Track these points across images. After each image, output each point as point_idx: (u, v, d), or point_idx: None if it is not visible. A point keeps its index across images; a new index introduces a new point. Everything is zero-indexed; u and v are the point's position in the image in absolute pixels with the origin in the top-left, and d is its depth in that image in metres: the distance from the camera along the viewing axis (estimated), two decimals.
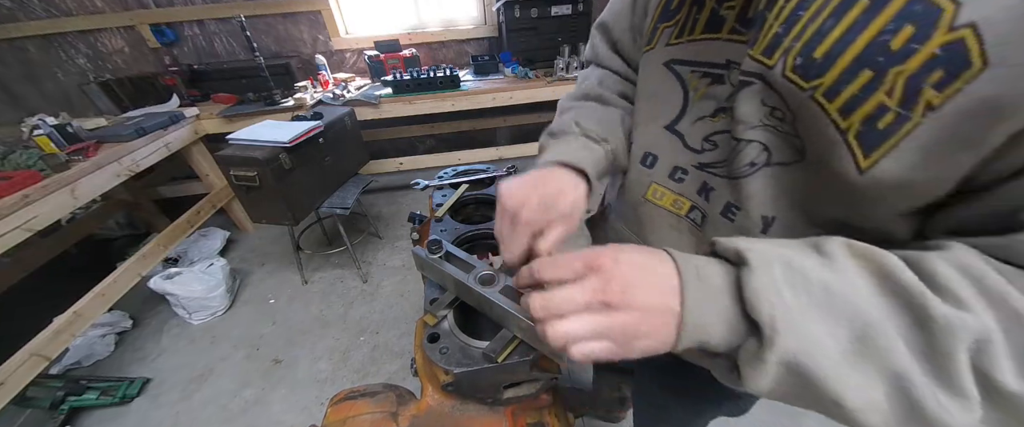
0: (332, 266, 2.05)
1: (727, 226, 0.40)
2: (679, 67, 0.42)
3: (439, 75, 2.03)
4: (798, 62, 0.29)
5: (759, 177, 0.36)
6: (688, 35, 0.40)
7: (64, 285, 1.46)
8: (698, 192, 0.42)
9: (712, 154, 0.40)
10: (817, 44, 0.28)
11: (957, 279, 0.24)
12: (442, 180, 0.84)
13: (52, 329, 1.27)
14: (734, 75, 0.36)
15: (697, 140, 0.41)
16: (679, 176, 0.44)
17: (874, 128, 0.27)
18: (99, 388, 1.41)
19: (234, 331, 1.73)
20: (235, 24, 1.88)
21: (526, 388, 0.49)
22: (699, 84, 0.40)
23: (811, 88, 0.29)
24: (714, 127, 0.39)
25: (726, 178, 0.39)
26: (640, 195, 0.48)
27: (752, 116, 0.35)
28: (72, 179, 1.34)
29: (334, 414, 0.50)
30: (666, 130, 0.44)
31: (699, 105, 0.40)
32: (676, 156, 0.43)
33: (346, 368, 1.53)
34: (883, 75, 0.25)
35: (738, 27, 0.36)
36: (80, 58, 2.25)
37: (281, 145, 1.44)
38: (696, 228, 0.44)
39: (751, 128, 0.35)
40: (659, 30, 0.43)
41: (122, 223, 2.36)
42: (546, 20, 2.21)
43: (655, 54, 0.44)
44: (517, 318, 0.42)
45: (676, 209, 0.45)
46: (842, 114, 0.28)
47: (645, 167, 0.47)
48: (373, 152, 2.19)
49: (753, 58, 0.33)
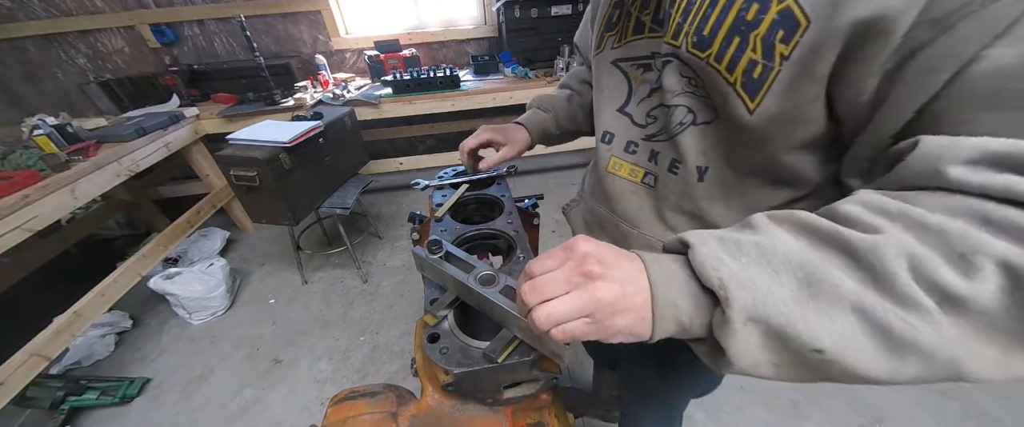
0: (332, 266, 2.05)
1: (673, 179, 0.50)
2: (622, 63, 0.53)
3: (439, 75, 2.03)
4: (695, 40, 0.39)
5: (689, 134, 0.46)
6: (624, 39, 0.52)
7: (64, 285, 1.46)
8: (648, 159, 0.52)
9: (654, 126, 0.51)
10: (704, 25, 0.38)
11: (864, 213, 0.28)
12: (442, 180, 0.84)
13: (52, 329, 1.27)
14: (658, 61, 0.47)
15: (642, 117, 0.52)
16: (632, 149, 0.54)
17: (752, 78, 0.36)
18: (99, 388, 1.41)
19: (234, 331, 1.73)
20: (235, 24, 1.88)
21: (526, 388, 0.49)
22: (637, 74, 0.52)
23: (706, 57, 0.38)
24: (652, 104, 0.50)
25: (667, 140, 0.49)
26: (604, 168, 0.58)
27: (675, 86, 0.45)
28: (72, 179, 1.34)
29: (334, 414, 0.50)
30: (618, 112, 0.55)
31: (639, 90, 0.52)
32: (628, 132, 0.54)
33: (346, 368, 1.53)
34: (747, 38, 0.35)
35: (654, 26, 0.47)
36: (80, 58, 2.25)
37: (281, 145, 1.44)
38: (650, 190, 0.53)
39: (676, 95, 0.45)
40: (605, 38, 0.55)
41: (122, 223, 2.36)
42: (546, 20, 2.21)
43: (604, 55, 0.55)
44: (517, 318, 0.42)
45: (633, 177, 0.55)
46: (729, 70, 0.37)
47: (605, 144, 0.58)
48: (373, 152, 2.19)
49: (667, 42, 0.44)
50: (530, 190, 0.99)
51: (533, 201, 0.83)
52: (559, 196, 2.53)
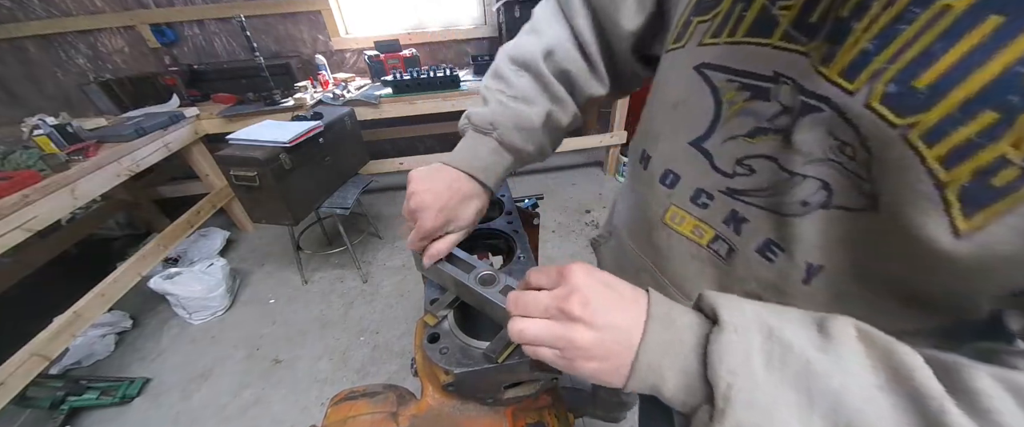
0: (332, 266, 2.05)
1: (763, 266, 0.35)
2: (713, 73, 0.34)
3: (439, 75, 2.03)
4: (891, 90, 0.23)
5: (813, 219, 0.30)
6: (728, 36, 0.32)
7: (64, 285, 1.46)
8: (725, 221, 0.37)
9: (746, 180, 0.34)
10: (920, 70, 0.22)
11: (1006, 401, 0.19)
12: None
13: (52, 329, 1.27)
14: (785, 92, 0.29)
15: (728, 162, 0.35)
16: (703, 201, 0.38)
17: (987, 185, 0.21)
18: (99, 388, 1.41)
19: (234, 331, 1.73)
20: (235, 24, 1.88)
21: (526, 388, 0.49)
22: (736, 97, 0.33)
23: (905, 126, 0.22)
24: (751, 149, 0.33)
25: (767, 211, 0.33)
26: (658, 217, 0.43)
27: (815, 149, 0.28)
28: (72, 179, 1.34)
29: (334, 414, 0.50)
30: (691, 147, 0.38)
31: (734, 122, 0.34)
32: (701, 177, 0.38)
33: (346, 368, 1.53)
34: (1012, 119, 0.19)
35: (794, 32, 0.28)
36: (80, 58, 2.25)
37: (281, 145, 1.44)
38: (719, 261, 0.38)
39: (811, 162, 0.29)
40: (692, 24, 0.36)
41: (122, 223, 2.36)
42: None
43: (683, 54, 0.37)
44: None
45: (696, 237, 0.40)
46: (944, 164, 0.21)
47: (664, 186, 0.41)
48: (373, 152, 2.19)
49: (826, 78, 0.26)
50: (530, 190, 0.99)
51: (533, 201, 0.83)
52: (559, 196, 2.53)
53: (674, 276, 0.43)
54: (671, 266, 0.43)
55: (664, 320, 0.27)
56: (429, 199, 0.46)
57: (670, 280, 0.44)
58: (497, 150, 0.49)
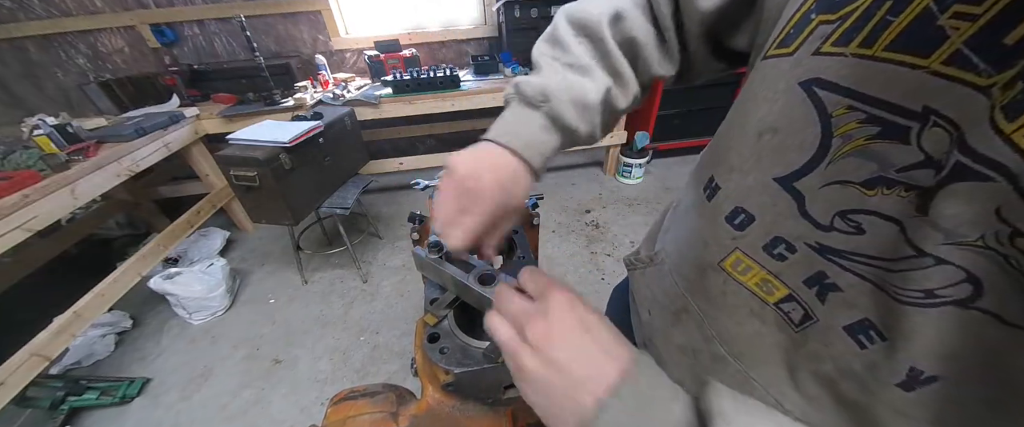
0: (332, 266, 2.05)
1: (849, 350, 0.27)
2: (827, 95, 0.25)
3: (439, 75, 2.03)
4: None
5: (940, 317, 0.22)
6: (862, 46, 0.23)
7: (64, 285, 1.46)
8: (807, 282, 0.29)
9: (847, 239, 0.25)
10: None
11: None
12: None
13: (52, 329, 1.27)
14: (932, 137, 0.21)
15: (825, 211, 0.26)
16: (780, 251, 0.30)
17: None
18: (99, 388, 1.41)
19: (234, 331, 1.73)
20: (235, 24, 1.88)
21: None
22: (856, 131, 0.24)
23: None
24: (863, 203, 0.24)
25: (872, 285, 0.25)
26: (715, 259, 0.35)
27: (967, 228, 0.20)
28: (72, 179, 1.34)
29: (334, 414, 0.50)
30: (777, 183, 0.29)
31: (845, 162, 0.25)
32: (782, 223, 0.29)
33: (346, 368, 1.53)
34: None
35: (971, 56, 0.19)
36: (80, 58, 2.25)
37: (281, 145, 1.44)
38: (788, 326, 0.31)
39: (955, 245, 0.20)
40: (812, 23, 0.26)
41: (122, 223, 2.36)
42: (546, 20, 2.20)
43: (789, 64, 0.27)
44: None
45: (762, 292, 0.32)
46: None
47: (731, 226, 0.33)
48: (373, 152, 2.19)
49: (1006, 136, 0.17)
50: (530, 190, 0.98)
51: (533, 201, 0.83)
52: (559, 196, 2.54)
53: (724, 332, 0.35)
54: (722, 319, 0.35)
55: (636, 399, 0.23)
56: (477, 171, 0.37)
57: (718, 335, 0.36)
58: (547, 127, 0.40)
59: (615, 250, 2.03)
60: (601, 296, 1.84)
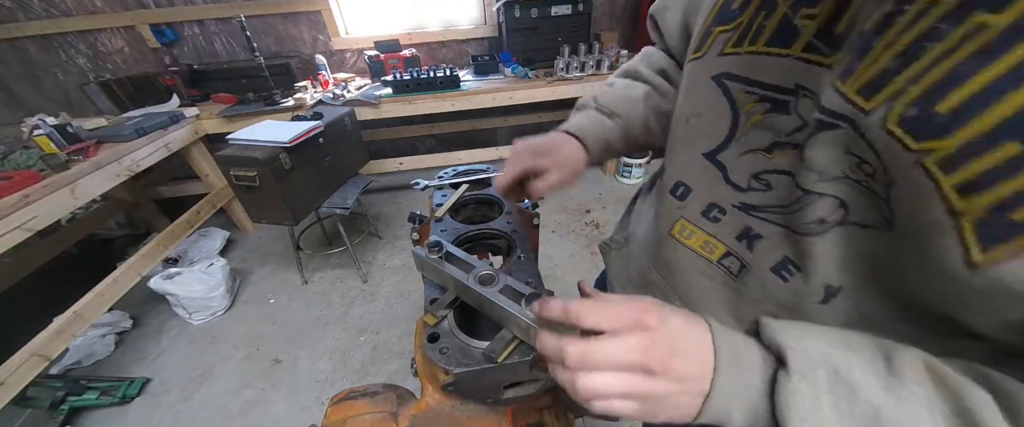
0: (332, 266, 2.05)
1: (778, 285, 0.33)
2: (731, 84, 0.34)
3: (439, 75, 2.03)
4: (911, 113, 0.22)
5: (830, 238, 0.29)
6: (749, 45, 0.32)
7: (64, 285, 1.46)
8: (738, 237, 0.36)
9: (761, 195, 0.33)
10: (944, 93, 0.21)
11: None
12: (442, 180, 0.83)
13: (52, 329, 1.27)
14: (804, 105, 0.29)
15: (743, 176, 0.34)
16: (714, 215, 0.37)
17: (1005, 219, 0.20)
18: (99, 388, 1.41)
19: (234, 331, 1.73)
20: (235, 24, 1.88)
21: (526, 388, 0.49)
22: (754, 109, 0.32)
23: (922, 151, 0.21)
24: (768, 164, 0.32)
25: (783, 228, 0.32)
26: (666, 229, 0.43)
27: (832, 166, 0.27)
28: (72, 179, 1.34)
29: (334, 414, 0.50)
30: (705, 158, 0.37)
31: (750, 135, 0.33)
32: (713, 191, 0.37)
33: (346, 368, 1.53)
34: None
35: (817, 44, 0.27)
36: (80, 58, 2.25)
37: (281, 145, 1.44)
38: (730, 278, 0.37)
39: (827, 180, 0.28)
40: (713, 34, 0.35)
41: (122, 223, 2.36)
42: (546, 20, 2.21)
43: (703, 64, 0.36)
44: (517, 318, 0.42)
45: (706, 252, 0.39)
46: (961, 193, 0.21)
47: (675, 198, 0.41)
48: (373, 152, 2.19)
49: (843, 94, 0.25)
50: None
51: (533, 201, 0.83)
52: (559, 196, 2.54)
53: (683, 292, 0.42)
54: (679, 281, 0.42)
55: (732, 362, 0.26)
56: (527, 141, 0.53)
57: (679, 296, 0.43)
58: (595, 116, 0.54)
59: None
60: None
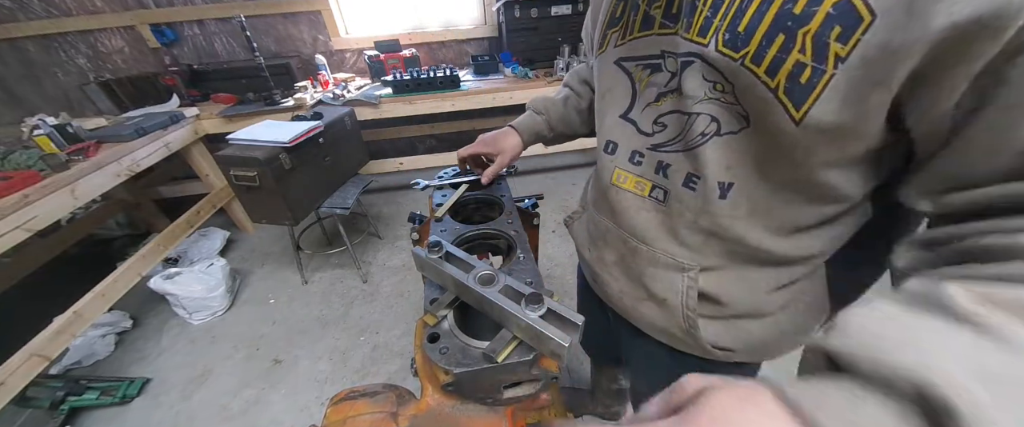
0: (332, 266, 2.05)
1: (689, 195, 0.44)
2: (626, 63, 0.48)
3: (439, 75, 2.03)
4: (727, 37, 0.34)
5: (712, 146, 0.40)
6: (629, 35, 0.47)
7: (64, 285, 1.46)
8: (656, 171, 0.47)
9: (662, 134, 0.45)
10: (739, 20, 0.33)
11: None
12: (442, 180, 0.84)
13: (52, 329, 1.27)
14: (669, 62, 0.42)
15: (648, 124, 0.47)
16: (637, 159, 0.49)
17: (798, 83, 0.31)
18: (99, 388, 1.41)
19: (234, 331, 1.73)
20: (235, 24, 1.88)
21: (526, 388, 0.49)
22: (642, 75, 0.46)
23: (741, 57, 0.33)
24: (659, 110, 0.45)
25: (682, 152, 0.43)
26: (607, 180, 0.53)
27: (697, 90, 0.39)
28: (72, 179, 1.34)
29: (334, 414, 0.50)
30: (621, 119, 0.50)
31: (645, 94, 0.47)
32: (632, 141, 0.49)
33: (346, 368, 1.53)
34: (793, 36, 0.30)
35: (665, 21, 0.42)
36: (80, 58, 2.25)
37: (281, 145, 1.44)
38: (660, 205, 0.48)
39: (698, 102, 0.39)
40: (608, 36, 0.50)
41: (122, 223, 2.36)
42: (546, 20, 2.21)
43: (606, 56, 0.50)
44: (517, 318, 0.42)
45: (639, 191, 0.50)
46: (769, 74, 0.32)
47: (608, 154, 0.53)
48: (373, 152, 2.19)
49: (689, 40, 0.38)
50: (530, 190, 0.99)
51: (533, 201, 0.83)
52: (559, 196, 2.53)
53: (631, 228, 0.52)
54: (626, 220, 0.52)
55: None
56: (483, 139, 0.79)
57: (628, 232, 0.53)
58: (530, 115, 0.79)
59: None
60: None
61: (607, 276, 0.59)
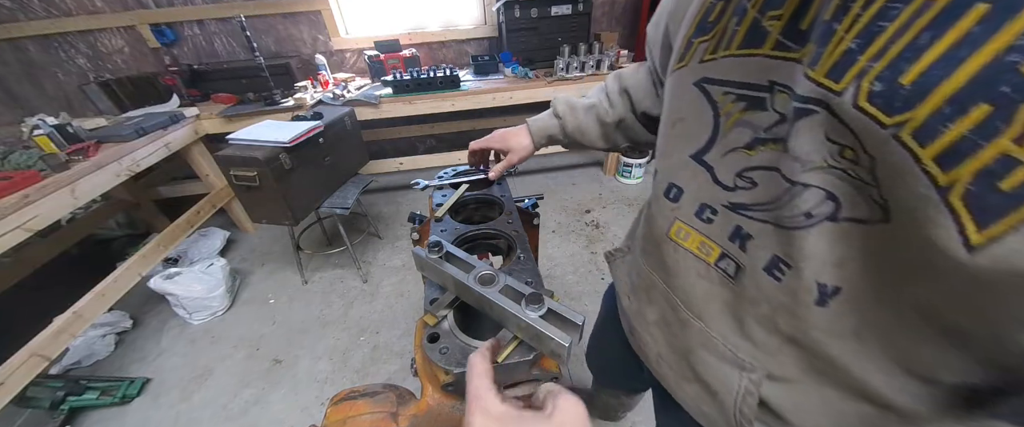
0: (332, 266, 2.05)
1: (770, 285, 0.33)
2: (711, 87, 0.35)
3: (439, 75, 2.03)
4: (877, 88, 0.22)
5: (820, 233, 0.28)
6: (723, 50, 0.34)
7: (64, 285, 1.46)
8: (730, 238, 0.36)
9: (747, 193, 0.34)
10: (906, 65, 0.21)
11: None
12: (442, 180, 0.84)
13: (52, 329, 1.27)
14: (779, 100, 0.30)
15: (729, 175, 0.35)
16: (707, 216, 0.38)
17: (993, 189, 0.19)
18: (99, 388, 1.41)
19: (234, 331, 1.73)
20: (235, 24, 1.88)
21: (526, 388, 0.49)
22: (732, 108, 0.34)
23: (895, 125, 0.21)
24: (749, 161, 0.33)
25: (772, 225, 0.32)
26: (663, 231, 0.44)
27: (813, 154, 0.27)
28: (72, 179, 1.34)
29: (334, 414, 0.50)
30: (692, 160, 0.38)
31: (732, 134, 0.34)
32: (703, 191, 0.38)
33: (346, 368, 1.53)
34: (1010, 112, 0.18)
35: (785, 41, 0.29)
36: (80, 58, 2.25)
37: (281, 145, 1.44)
38: (728, 280, 0.37)
39: (811, 170, 0.27)
40: (693, 45, 0.37)
41: (122, 223, 2.35)
42: (546, 20, 2.21)
43: (686, 73, 0.38)
44: (517, 318, 0.42)
45: (703, 254, 0.39)
46: (941, 164, 0.20)
47: (668, 199, 0.42)
48: (373, 152, 2.19)
49: (814, 80, 0.26)
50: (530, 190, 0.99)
51: (533, 201, 0.83)
52: (559, 196, 2.53)
53: (684, 296, 0.42)
54: (680, 284, 0.43)
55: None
56: (494, 135, 0.76)
57: (681, 300, 0.43)
58: (548, 115, 0.74)
59: None
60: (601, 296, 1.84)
61: (647, 336, 0.50)
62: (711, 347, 0.40)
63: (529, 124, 0.74)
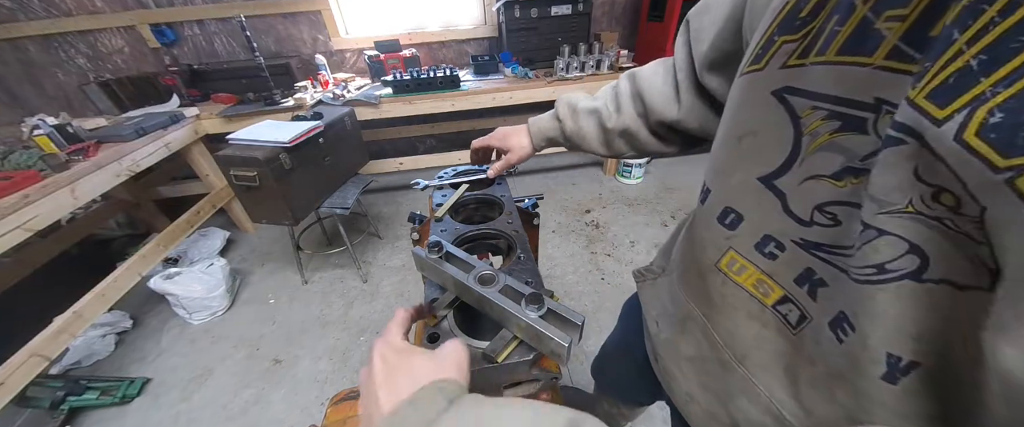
0: (332, 266, 2.05)
1: (833, 347, 0.27)
2: (795, 99, 0.28)
3: (439, 75, 2.03)
4: (996, 120, 0.17)
5: (897, 293, 0.22)
6: (817, 55, 0.26)
7: (64, 285, 1.46)
8: (798, 281, 0.30)
9: (828, 232, 0.27)
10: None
11: None
12: (442, 180, 0.83)
13: (52, 329, 1.27)
14: (883, 122, 0.22)
15: (805, 207, 0.28)
16: (771, 250, 0.31)
17: None
18: (99, 388, 1.41)
19: (234, 331, 1.73)
20: (235, 24, 1.88)
21: (526, 388, 0.49)
22: (821, 127, 0.26)
23: (1012, 169, 0.16)
24: (836, 194, 0.26)
25: (846, 274, 0.26)
26: (712, 260, 0.37)
27: (895, 193, 0.21)
28: (72, 179, 1.34)
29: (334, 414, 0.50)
30: (760, 183, 0.31)
31: (816, 157, 0.27)
32: (771, 221, 0.31)
33: (346, 368, 1.53)
34: None
35: (905, 48, 0.21)
36: (80, 58, 2.25)
37: (281, 145, 1.44)
38: (787, 328, 0.31)
39: (891, 214, 0.22)
40: (776, 44, 0.29)
41: (122, 223, 2.36)
42: (546, 20, 2.21)
43: (762, 78, 0.30)
44: (517, 318, 0.42)
45: (759, 293, 0.33)
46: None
47: (722, 225, 0.35)
48: (373, 152, 2.19)
49: (911, 102, 0.20)
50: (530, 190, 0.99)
51: (533, 201, 0.83)
52: (559, 196, 2.53)
53: (728, 336, 0.37)
54: (723, 322, 0.37)
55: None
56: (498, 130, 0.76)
57: (723, 340, 0.37)
58: (549, 116, 0.71)
59: (615, 250, 2.03)
60: (601, 296, 1.85)
61: (675, 369, 0.45)
62: (754, 396, 0.35)
63: (529, 124, 0.73)
